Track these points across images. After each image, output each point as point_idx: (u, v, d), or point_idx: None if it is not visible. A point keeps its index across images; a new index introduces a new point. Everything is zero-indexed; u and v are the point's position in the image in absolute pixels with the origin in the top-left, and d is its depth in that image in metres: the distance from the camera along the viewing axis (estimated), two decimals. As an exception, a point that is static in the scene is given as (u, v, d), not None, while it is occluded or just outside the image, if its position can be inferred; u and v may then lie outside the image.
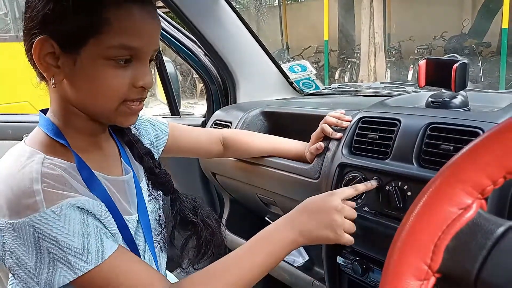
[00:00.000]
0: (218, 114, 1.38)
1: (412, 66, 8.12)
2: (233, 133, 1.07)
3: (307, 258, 1.25)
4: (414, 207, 0.45)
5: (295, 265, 1.19)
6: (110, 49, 0.60)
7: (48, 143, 0.64)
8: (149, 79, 0.65)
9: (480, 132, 0.70)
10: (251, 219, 1.43)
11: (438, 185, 0.44)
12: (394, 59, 8.99)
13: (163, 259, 0.80)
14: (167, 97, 1.55)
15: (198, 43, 1.42)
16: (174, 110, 1.56)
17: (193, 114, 1.62)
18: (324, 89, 1.58)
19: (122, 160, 0.74)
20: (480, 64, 7.23)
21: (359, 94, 1.44)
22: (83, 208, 0.59)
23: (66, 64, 0.61)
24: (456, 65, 0.80)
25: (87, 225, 0.59)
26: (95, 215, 0.61)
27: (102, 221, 0.62)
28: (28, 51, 0.62)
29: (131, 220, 0.70)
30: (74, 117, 0.66)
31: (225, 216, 1.41)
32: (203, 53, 1.45)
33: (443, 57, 0.84)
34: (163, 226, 0.79)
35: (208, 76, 1.48)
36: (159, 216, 0.80)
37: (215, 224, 0.82)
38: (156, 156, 0.86)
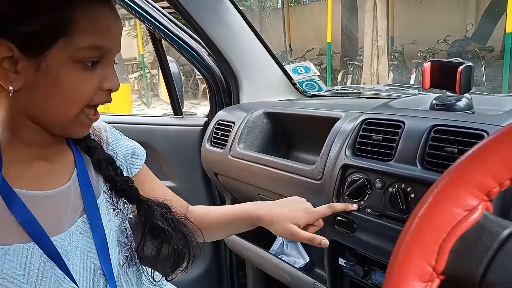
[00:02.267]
0: (221, 114, 1.38)
1: (414, 69, 8.12)
2: (189, 206, 0.91)
3: (308, 259, 1.24)
4: (419, 208, 0.44)
5: (296, 266, 1.18)
6: (80, 51, 0.57)
7: None
8: (116, 81, 0.62)
9: (485, 134, 0.70)
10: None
11: (443, 187, 0.43)
12: (397, 62, 8.99)
13: (132, 275, 0.74)
14: (170, 97, 1.55)
15: (202, 43, 1.42)
16: (177, 109, 1.56)
17: (196, 114, 1.62)
18: (327, 90, 1.58)
19: (75, 172, 0.68)
20: (483, 68, 7.23)
21: (362, 96, 1.44)
22: None
23: (27, 69, 0.56)
24: (461, 67, 0.80)
25: None
26: None
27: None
28: None
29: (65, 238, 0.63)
30: (25, 129, 0.61)
31: (226, 216, 1.41)
32: (207, 53, 1.45)
33: (448, 60, 0.84)
34: (130, 239, 0.74)
35: (212, 76, 1.47)
36: (126, 229, 0.74)
37: (189, 230, 0.75)
38: (125, 172, 0.77)
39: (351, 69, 9.29)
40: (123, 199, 0.73)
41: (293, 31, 11.45)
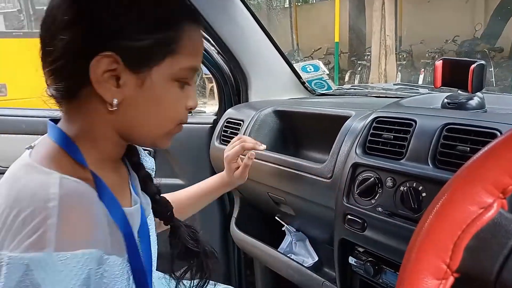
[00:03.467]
0: (230, 112, 1.38)
1: (423, 69, 8.07)
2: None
3: (316, 258, 1.24)
4: (433, 205, 0.44)
5: (305, 265, 1.18)
6: (182, 70, 0.57)
7: (60, 158, 0.55)
8: (196, 100, 0.63)
9: (498, 133, 0.69)
10: (261, 218, 1.42)
11: (458, 184, 0.43)
12: (405, 62, 8.94)
13: None
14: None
15: (212, 41, 1.42)
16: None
17: (204, 112, 1.62)
18: (337, 89, 1.58)
19: (131, 187, 0.66)
20: (493, 69, 7.16)
21: (371, 95, 1.43)
22: (90, 272, 0.47)
23: (129, 84, 0.54)
24: (473, 66, 0.80)
25: None
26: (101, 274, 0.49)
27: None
28: (81, 67, 0.53)
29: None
30: (108, 142, 0.59)
31: (235, 215, 1.41)
32: (216, 51, 1.45)
33: (460, 58, 0.83)
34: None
35: (221, 74, 1.48)
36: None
37: (212, 248, 0.79)
38: None
39: (359, 68, 9.26)
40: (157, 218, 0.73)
41: (300, 30, 11.43)
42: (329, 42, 9.53)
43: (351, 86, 1.58)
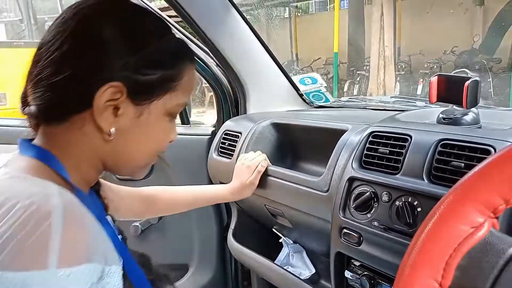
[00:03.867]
0: (228, 125, 1.39)
1: (421, 80, 8.12)
2: (152, 191, 1.00)
3: (313, 271, 1.24)
4: (425, 224, 0.45)
5: (302, 277, 1.18)
6: (176, 106, 0.60)
7: (44, 171, 0.53)
8: (176, 133, 0.66)
9: (492, 150, 0.70)
10: (258, 230, 1.42)
11: (450, 203, 0.44)
12: (403, 72, 9.00)
13: None
14: (178, 106, 1.57)
15: (210, 54, 1.43)
16: (184, 119, 1.58)
17: (203, 123, 1.63)
18: (334, 101, 1.59)
19: None
20: (491, 79, 7.22)
21: (369, 107, 1.44)
22: (92, 283, 0.46)
23: (127, 115, 0.55)
24: (468, 82, 0.81)
25: None
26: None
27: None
28: (83, 95, 0.53)
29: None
30: (92, 169, 0.59)
31: (232, 226, 1.41)
32: (215, 63, 1.46)
33: (454, 74, 0.85)
34: None
35: (219, 86, 1.49)
36: None
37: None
38: None
39: (358, 79, 9.32)
40: None
41: (300, 40, 11.51)
42: (328, 53, 9.60)
43: (349, 98, 1.59)
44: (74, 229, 0.46)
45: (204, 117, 7.72)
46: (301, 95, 1.55)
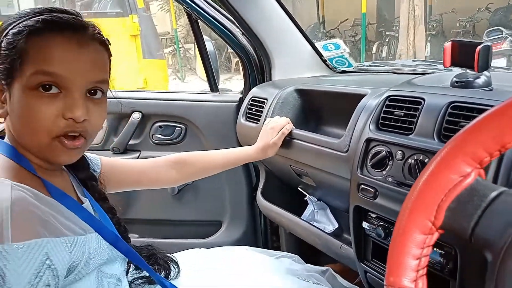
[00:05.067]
0: (254, 91, 1.47)
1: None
2: (182, 156, 1.07)
3: (337, 225, 1.34)
4: (422, 174, 0.53)
5: (326, 231, 1.29)
6: (30, 77, 0.61)
7: (10, 168, 0.64)
8: (79, 111, 0.63)
9: (497, 110, 0.76)
10: (285, 189, 1.53)
11: (443, 156, 0.52)
12: (434, 32, 8.70)
13: None
14: (206, 75, 1.66)
15: (236, 23, 1.50)
16: (213, 86, 1.67)
17: (231, 90, 1.72)
18: (357, 66, 1.64)
19: (76, 189, 0.75)
20: (527, 38, 6.89)
21: (391, 71, 1.49)
22: (48, 255, 0.58)
23: (7, 99, 0.64)
24: (479, 47, 0.85)
25: (40, 278, 0.56)
26: (56, 265, 0.59)
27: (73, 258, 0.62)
28: None
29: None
30: (26, 151, 0.66)
31: (261, 186, 1.52)
32: (241, 32, 1.53)
33: (467, 40, 0.89)
34: None
35: (245, 55, 1.56)
36: None
37: (169, 255, 0.94)
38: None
39: (387, 40, 9.07)
40: None
41: (326, 1, 11.20)
42: (356, 14, 9.34)
43: (372, 63, 1.63)
44: (22, 215, 0.57)
45: (231, 82, 7.78)
46: (324, 61, 1.60)
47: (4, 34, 0.64)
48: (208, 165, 1.12)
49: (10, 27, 0.64)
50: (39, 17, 0.64)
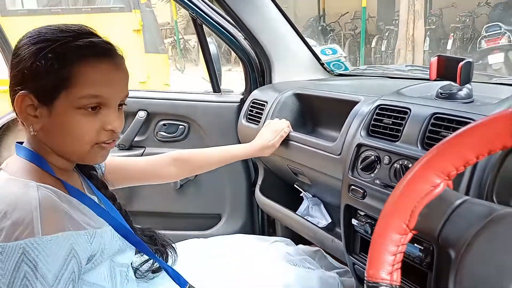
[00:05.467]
0: (255, 94, 1.55)
1: (452, 34, 7.89)
2: (181, 153, 1.15)
3: (330, 220, 1.44)
4: (400, 183, 0.62)
5: (320, 226, 1.38)
6: (80, 100, 0.69)
7: (33, 171, 0.72)
8: (118, 123, 0.75)
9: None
10: (282, 185, 1.62)
11: (417, 169, 0.61)
12: (434, 26, 8.73)
13: None
14: (209, 76, 1.73)
15: (239, 29, 1.58)
16: (215, 87, 1.75)
17: (232, 91, 1.80)
18: (353, 70, 1.72)
19: (84, 189, 0.83)
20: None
21: (385, 76, 1.58)
22: (72, 246, 0.66)
23: (43, 115, 0.70)
24: (461, 63, 0.94)
25: (66, 266, 0.65)
26: (79, 255, 0.68)
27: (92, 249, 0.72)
28: (13, 103, 0.72)
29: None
30: (50, 155, 0.75)
31: (259, 182, 1.62)
32: (243, 37, 1.61)
33: (451, 56, 0.97)
34: None
35: (247, 58, 1.64)
36: None
37: (167, 240, 1.02)
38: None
39: (386, 34, 9.11)
40: None
41: (327, -6, 11.21)
42: (356, 7, 9.36)
43: (367, 67, 1.72)
44: (50, 212, 0.65)
45: (230, 75, 7.84)
46: (322, 64, 1.68)
47: (41, 54, 0.69)
48: (205, 162, 1.20)
49: (48, 48, 0.69)
50: (81, 42, 0.71)
